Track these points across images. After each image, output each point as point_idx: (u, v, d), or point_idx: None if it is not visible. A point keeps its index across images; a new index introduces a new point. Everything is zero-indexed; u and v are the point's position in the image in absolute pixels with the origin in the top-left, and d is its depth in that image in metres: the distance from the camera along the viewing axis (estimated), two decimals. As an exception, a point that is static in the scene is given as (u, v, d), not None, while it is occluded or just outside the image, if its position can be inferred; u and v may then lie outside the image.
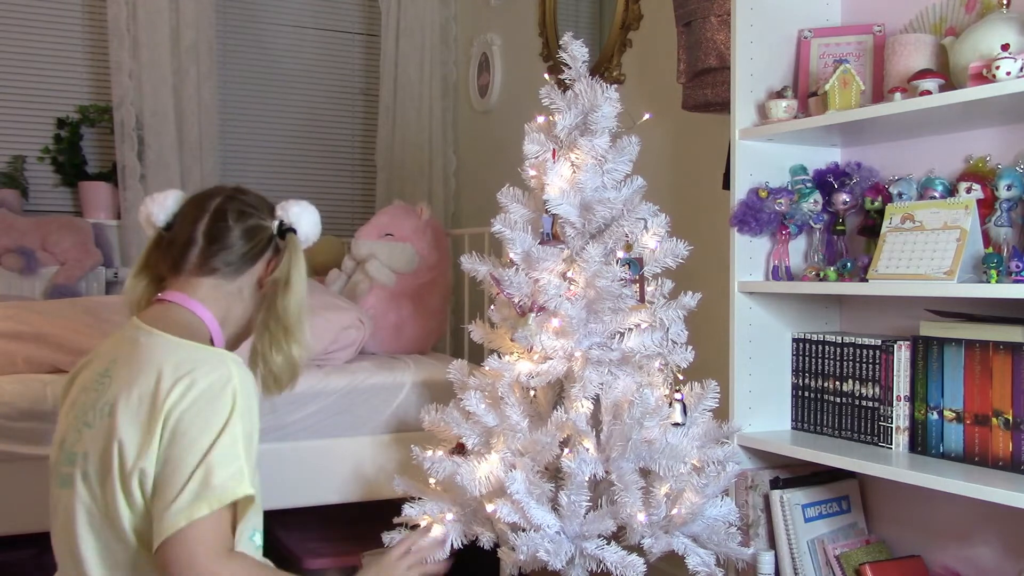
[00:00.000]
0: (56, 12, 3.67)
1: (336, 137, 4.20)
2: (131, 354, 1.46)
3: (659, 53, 2.84)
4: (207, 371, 1.41)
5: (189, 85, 3.66)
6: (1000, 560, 1.88)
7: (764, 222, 2.06)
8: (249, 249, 1.59)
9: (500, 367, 1.97)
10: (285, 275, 1.59)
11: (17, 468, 2.09)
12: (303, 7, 4.12)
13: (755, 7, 2.10)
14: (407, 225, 2.96)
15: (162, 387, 1.38)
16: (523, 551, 1.80)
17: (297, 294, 1.58)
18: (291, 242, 1.63)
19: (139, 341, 1.47)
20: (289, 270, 1.59)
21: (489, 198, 2.21)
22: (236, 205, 1.60)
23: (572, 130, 2.00)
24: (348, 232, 3.27)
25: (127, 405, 1.39)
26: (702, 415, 1.98)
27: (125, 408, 1.39)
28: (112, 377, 1.45)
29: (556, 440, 1.90)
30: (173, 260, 1.56)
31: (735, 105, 2.10)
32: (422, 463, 2.01)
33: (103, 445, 1.40)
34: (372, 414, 2.46)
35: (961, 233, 1.71)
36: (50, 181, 3.66)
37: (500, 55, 3.87)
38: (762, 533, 2.08)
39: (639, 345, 1.94)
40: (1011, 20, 1.72)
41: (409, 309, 2.89)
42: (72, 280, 3.27)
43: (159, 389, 1.38)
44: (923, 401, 1.86)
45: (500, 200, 2.04)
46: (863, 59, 2.07)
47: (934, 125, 1.91)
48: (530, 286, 1.95)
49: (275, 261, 1.63)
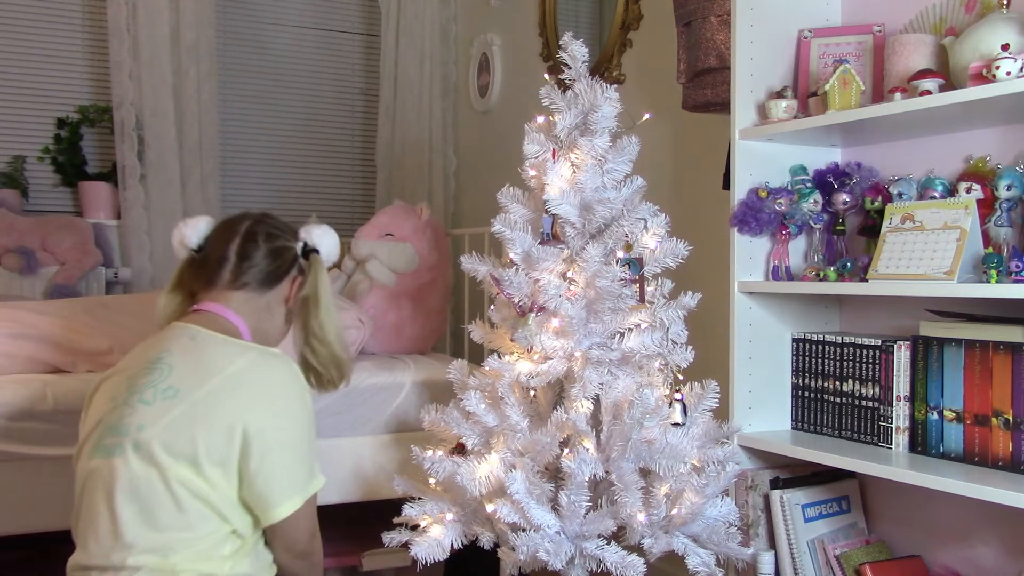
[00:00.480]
0: (56, 12, 3.67)
1: (336, 137, 4.21)
2: (191, 348, 1.61)
3: (659, 53, 2.84)
4: (276, 367, 1.63)
5: (189, 85, 3.66)
6: (1000, 560, 1.88)
7: (764, 222, 2.06)
8: (276, 267, 1.75)
9: (500, 367, 1.97)
10: (314, 293, 1.78)
11: (17, 468, 2.08)
12: (303, 7, 4.12)
13: (755, 7, 2.10)
14: (407, 225, 2.95)
15: (239, 382, 1.57)
16: (523, 551, 1.81)
17: (327, 307, 1.79)
18: (315, 262, 1.80)
19: (195, 338, 1.63)
20: (317, 287, 1.78)
21: (489, 198, 2.21)
22: (264, 228, 1.76)
23: (572, 130, 2.00)
24: (348, 232, 3.27)
25: (200, 390, 1.54)
26: (702, 415, 1.98)
27: (198, 393, 1.54)
28: (172, 365, 1.58)
29: (556, 440, 1.90)
30: (207, 276, 1.72)
31: (735, 105, 2.10)
32: (422, 463, 2.01)
33: (171, 421, 1.51)
34: (372, 414, 2.46)
35: (961, 233, 1.71)
36: (50, 181, 3.66)
37: (500, 55, 3.87)
38: (762, 533, 2.08)
39: (639, 345, 1.94)
40: (1011, 20, 1.72)
41: (409, 309, 2.89)
42: (72, 280, 3.27)
43: (237, 384, 1.56)
44: (923, 401, 1.86)
45: (500, 200, 2.04)
46: (863, 59, 2.07)
47: (934, 125, 1.91)
48: (530, 286, 1.95)
49: (299, 280, 1.79)
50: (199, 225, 1.78)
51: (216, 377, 1.56)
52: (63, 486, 1.79)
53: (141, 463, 1.50)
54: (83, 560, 1.53)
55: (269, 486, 1.56)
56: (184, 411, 1.52)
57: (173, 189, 3.61)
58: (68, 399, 2.10)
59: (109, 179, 3.62)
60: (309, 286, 1.78)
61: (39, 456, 2.09)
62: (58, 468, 2.00)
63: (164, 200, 3.59)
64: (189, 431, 1.51)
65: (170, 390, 1.54)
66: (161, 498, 1.49)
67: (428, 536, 2.00)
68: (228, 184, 3.88)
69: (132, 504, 1.49)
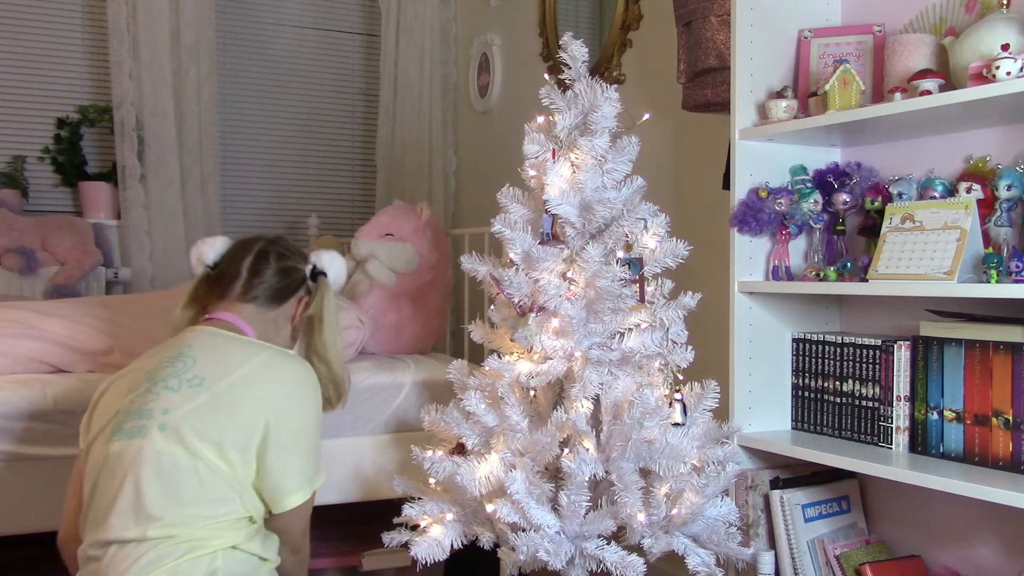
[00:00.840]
0: (56, 12, 3.67)
1: (336, 137, 4.21)
2: (212, 345, 1.71)
3: (659, 53, 2.84)
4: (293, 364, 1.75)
5: (189, 85, 3.66)
6: (1000, 560, 1.88)
7: (764, 222, 2.06)
8: (285, 285, 1.86)
9: (500, 367, 1.97)
10: (319, 313, 1.89)
11: (17, 468, 2.08)
12: (303, 7, 4.12)
13: (755, 7, 2.10)
14: (407, 225, 2.95)
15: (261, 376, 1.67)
16: (523, 551, 1.81)
17: (331, 328, 1.90)
18: (322, 284, 1.92)
19: (215, 337, 1.73)
20: (323, 308, 1.89)
21: (489, 198, 2.21)
22: (276, 248, 1.88)
23: (572, 130, 2.00)
24: (348, 232, 3.27)
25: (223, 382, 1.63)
26: (702, 415, 1.98)
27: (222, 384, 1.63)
28: (195, 358, 1.67)
29: (556, 440, 1.90)
30: (221, 290, 1.83)
31: (735, 105, 2.10)
32: (422, 463, 2.01)
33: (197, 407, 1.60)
34: (372, 414, 2.46)
35: (961, 233, 1.71)
36: (50, 181, 3.66)
37: (500, 55, 3.87)
38: (762, 533, 2.08)
39: (639, 345, 1.94)
40: (1011, 20, 1.72)
41: (409, 309, 2.89)
42: (72, 280, 3.27)
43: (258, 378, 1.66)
44: (923, 401, 1.86)
45: (500, 200, 2.04)
46: (863, 59, 2.07)
47: (934, 125, 1.91)
48: (530, 286, 1.95)
49: (306, 300, 1.91)
50: (216, 244, 1.89)
51: (239, 370, 1.66)
52: (63, 486, 1.79)
53: (167, 442, 1.57)
54: (101, 536, 1.57)
55: (285, 475, 1.66)
56: (209, 399, 1.61)
57: (173, 189, 3.61)
58: (68, 399, 2.10)
59: (109, 179, 3.62)
60: (315, 307, 1.89)
61: (39, 456, 2.09)
62: (58, 468, 2.00)
63: (164, 200, 3.59)
64: (214, 418, 1.60)
65: (196, 379, 1.63)
66: (186, 475, 1.57)
67: (428, 536, 2.00)
68: (228, 184, 3.88)
69: (156, 480, 1.56)
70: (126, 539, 1.54)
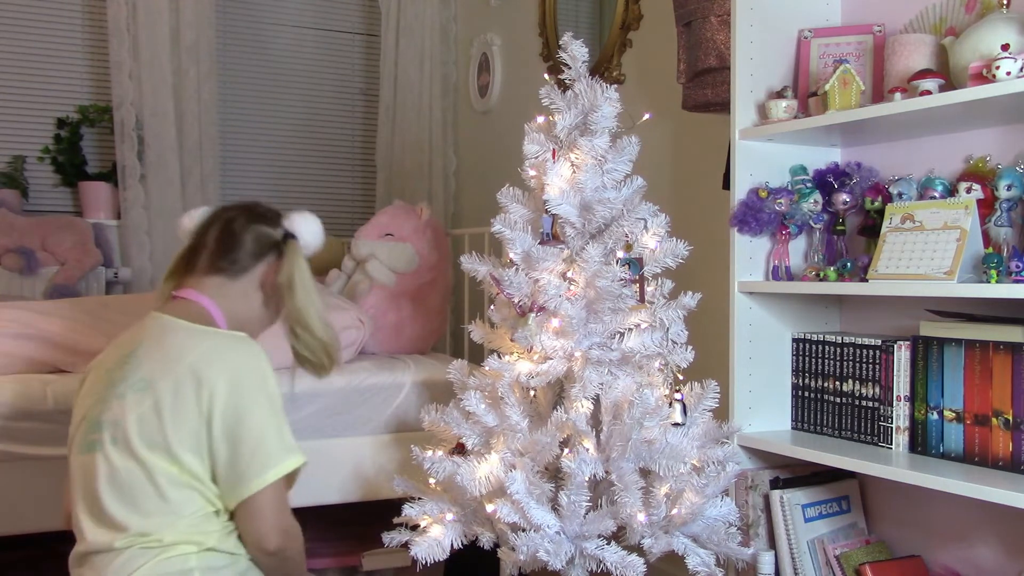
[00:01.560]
0: (56, 12, 3.67)
1: (336, 137, 4.20)
2: (160, 338, 1.65)
3: (659, 53, 2.84)
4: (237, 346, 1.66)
5: (189, 85, 3.66)
6: (1000, 560, 1.88)
7: (764, 222, 2.06)
8: (251, 251, 1.78)
9: (500, 367, 1.97)
10: (288, 279, 1.78)
11: (17, 468, 2.09)
12: (303, 7, 4.12)
13: (755, 7, 2.10)
14: (407, 225, 2.96)
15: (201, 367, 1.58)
16: (523, 551, 1.81)
17: (304, 292, 1.79)
18: (290, 247, 1.81)
19: (164, 328, 1.67)
20: (292, 273, 1.78)
21: (489, 198, 2.21)
22: (245, 215, 1.80)
23: (572, 130, 2.00)
24: (348, 232, 3.27)
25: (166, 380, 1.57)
26: (702, 415, 1.98)
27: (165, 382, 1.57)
28: (142, 358, 1.62)
29: (556, 440, 1.90)
30: (191, 262, 1.78)
31: (735, 105, 2.10)
32: (422, 463, 2.01)
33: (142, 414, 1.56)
34: (372, 414, 2.46)
35: (961, 233, 1.71)
36: (50, 181, 3.66)
37: (500, 55, 3.87)
38: (762, 533, 2.08)
39: (639, 345, 1.94)
40: (1011, 20, 1.72)
41: (409, 309, 2.89)
42: (72, 280, 3.27)
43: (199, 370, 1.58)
44: (923, 401, 1.86)
45: (500, 200, 2.04)
46: (863, 59, 2.07)
47: (934, 125, 1.91)
48: (530, 286, 1.95)
49: (276, 265, 1.79)
50: (195, 214, 1.85)
51: (179, 365, 1.59)
52: (63, 486, 1.79)
53: (120, 456, 1.55)
54: (82, 548, 1.59)
55: (236, 463, 1.58)
56: (153, 404, 1.56)
57: (173, 189, 3.61)
58: (68, 399, 2.09)
59: (109, 179, 3.62)
60: (284, 272, 1.78)
61: (39, 456, 2.09)
62: (58, 468, 2.00)
63: (164, 200, 3.59)
64: (159, 422, 1.55)
65: (142, 382, 1.59)
66: (143, 487, 1.54)
67: (428, 536, 2.00)
68: (228, 184, 3.87)
69: (115, 493, 1.55)
70: (99, 550, 1.56)
